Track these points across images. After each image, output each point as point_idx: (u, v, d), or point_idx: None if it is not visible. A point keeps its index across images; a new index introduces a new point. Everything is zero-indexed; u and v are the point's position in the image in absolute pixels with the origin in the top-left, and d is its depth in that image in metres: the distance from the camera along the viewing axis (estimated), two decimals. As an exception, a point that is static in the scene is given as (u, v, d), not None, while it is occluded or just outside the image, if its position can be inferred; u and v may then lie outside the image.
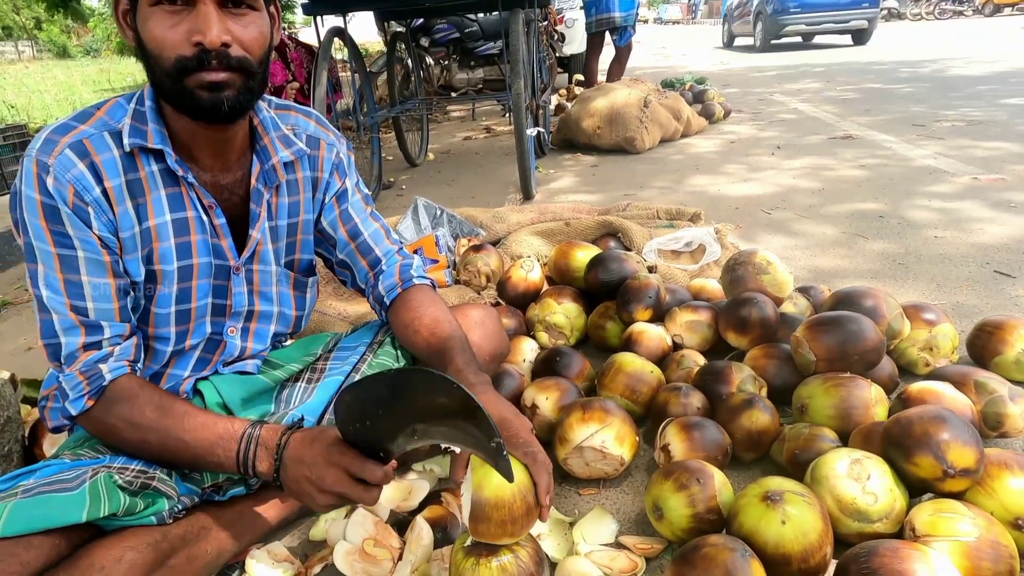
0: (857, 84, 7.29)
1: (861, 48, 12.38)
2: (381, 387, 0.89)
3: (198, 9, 0.94)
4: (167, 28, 0.94)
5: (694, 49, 16.26)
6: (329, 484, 0.96)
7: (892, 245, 2.47)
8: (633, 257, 1.98)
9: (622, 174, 4.06)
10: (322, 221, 1.29)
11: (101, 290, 1.04)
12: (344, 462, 0.95)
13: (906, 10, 22.56)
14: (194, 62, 0.95)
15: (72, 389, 1.03)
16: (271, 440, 1.03)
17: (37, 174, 0.98)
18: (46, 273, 1.01)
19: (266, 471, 1.03)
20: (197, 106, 0.99)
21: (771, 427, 1.32)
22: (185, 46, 0.95)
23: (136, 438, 1.04)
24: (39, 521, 0.89)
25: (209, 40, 0.94)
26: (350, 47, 3.67)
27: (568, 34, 7.74)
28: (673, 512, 1.11)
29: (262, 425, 1.05)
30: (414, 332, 1.23)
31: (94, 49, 32.09)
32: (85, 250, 1.02)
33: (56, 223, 0.99)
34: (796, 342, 1.44)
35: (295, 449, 1.00)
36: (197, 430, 1.04)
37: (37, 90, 11.83)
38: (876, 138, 4.41)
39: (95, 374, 1.03)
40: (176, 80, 0.97)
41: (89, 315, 1.03)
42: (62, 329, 1.02)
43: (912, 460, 1.06)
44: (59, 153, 0.99)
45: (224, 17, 0.95)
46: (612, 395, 1.48)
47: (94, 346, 1.04)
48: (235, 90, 1.00)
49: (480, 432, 0.88)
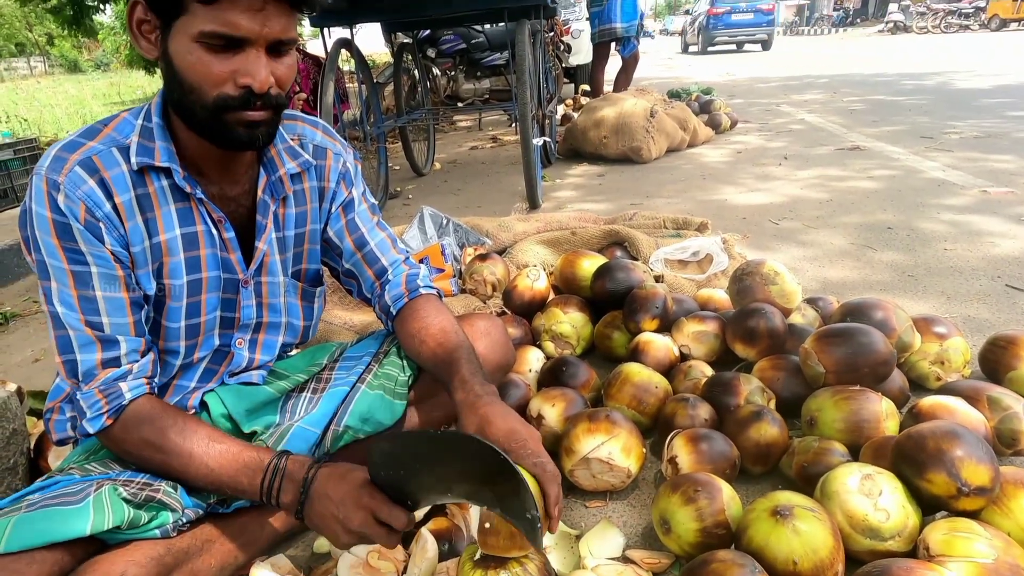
0: (863, 95, 7.29)
1: (868, 59, 12.45)
2: (424, 444, 0.90)
3: (247, 53, 0.93)
4: (212, 65, 0.93)
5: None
6: (356, 525, 0.94)
7: (902, 257, 2.45)
8: (640, 267, 1.96)
9: (628, 184, 4.05)
10: (328, 231, 1.28)
11: (115, 304, 1.03)
12: (373, 505, 0.94)
13: (912, 23, 22.61)
14: (237, 102, 0.95)
15: (90, 407, 1.02)
16: (298, 473, 1.01)
17: (47, 192, 0.97)
18: (60, 290, 1.00)
19: (290, 503, 1.01)
20: (233, 140, 1.00)
21: (780, 440, 1.30)
22: (230, 86, 0.95)
23: (158, 460, 1.04)
24: (42, 535, 0.88)
25: (259, 85, 0.94)
26: (357, 58, 3.69)
27: (574, 45, 7.78)
28: (681, 526, 1.09)
29: (288, 457, 1.04)
30: (420, 342, 1.22)
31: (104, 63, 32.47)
32: (98, 265, 1.01)
33: (68, 240, 0.99)
34: (805, 354, 1.42)
35: (322, 484, 0.99)
36: (222, 456, 1.03)
37: (48, 104, 11.94)
38: (884, 149, 4.39)
39: (114, 392, 1.03)
40: (214, 114, 0.96)
41: (104, 330, 1.03)
42: (78, 345, 1.02)
43: (925, 476, 1.04)
44: (69, 170, 0.98)
45: (269, 60, 0.96)
46: (619, 406, 1.47)
47: (112, 363, 1.04)
48: (268, 125, 1.01)
49: (518, 503, 0.88)
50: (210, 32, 0.90)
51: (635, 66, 6.59)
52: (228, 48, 0.93)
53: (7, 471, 1.41)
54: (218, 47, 0.92)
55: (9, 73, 30.25)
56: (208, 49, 0.92)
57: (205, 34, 0.91)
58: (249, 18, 0.90)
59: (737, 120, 5.79)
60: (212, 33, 0.90)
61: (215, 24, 0.90)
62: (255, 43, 0.93)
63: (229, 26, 0.90)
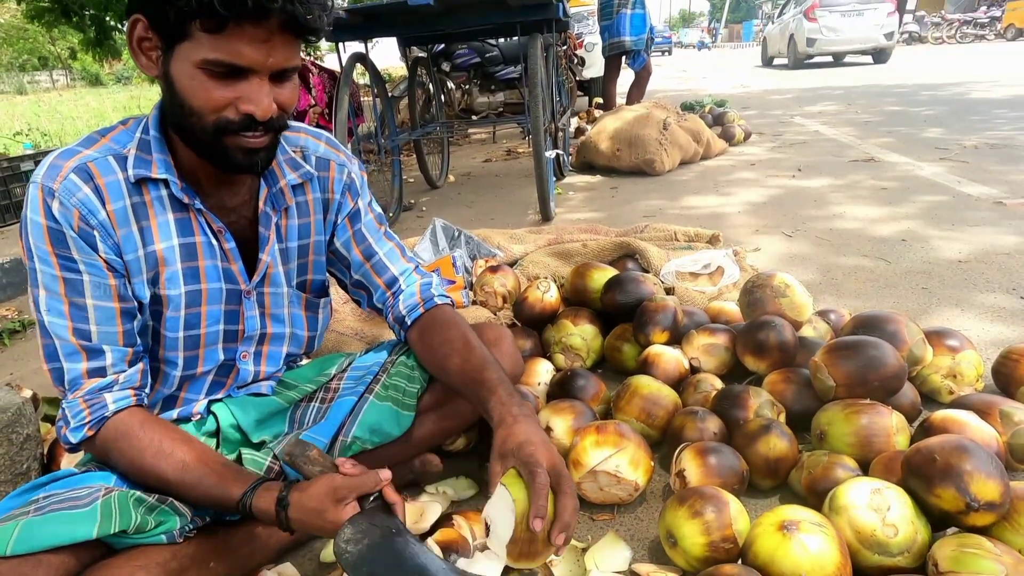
0: (877, 106, 7.25)
1: (880, 70, 12.39)
2: None
3: (251, 82, 0.94)
4: (213, 91, 0.93)
5: (725, 72, 16.56)
6: (347, 515, 0.96)
7: (914, 269, 2.43)
8: (650, 279, 1.97)
9: (641, 196, 4.06)
10: (335, 242, 1.29)
11: (106, 313, 1.04)
12: (352, 491, 0.96)
13: (927, 33, 22.47)
14: (237, 125, 0.96)
15: (74, 417, 1.03)
16: (268, 508, 1.00)
17: (43, 199, 0.98)
18: (48, 297, 1.01)
19: (274, 527, 1.02)
20: (232, 164, 1.01)
21: (789, 454, 1.29)
22: (231, 110, 0.95)
23: (137, 477, 1.05)
24: (49, 538, 0.89)
25: (261, 113, 0.95)
26: (371, 72, 3.74)
27: (588, 58, 7.83)
28: (687, 540, 1.08)
29: (254, 493, 1.01)
30: (444, 356, 1.20)
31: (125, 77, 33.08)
32: (91, 273, 1.02)
33: (62, 247, 1.00)
34: (815, 367, 1.41)
35: (299, 511, 0.98)
36: (194, 486, 1.03)
37: (70, 116, 12.16)
38: (897, 160, 4.37)
39: (98, 403, 1.04)
40: (214, 137, 0.97)
41: (92, 339, 1.03)
42: (64, 354, 1.03)
43: (934, 491, 1.03)
44: (64, 177, 0.99)
45: (272, 88, 0.97)
46: (627, 418, 1.47)
47: (98, 372, 1.04)
48: (268, 150, 1.02)
49: None
50: (213, 60, 0.91)
51: (647, 79, 6.63)
52: (231, 76, 0.93)
53: (20, 476, 1.44)
54: (221, 74, 0.93)
55: (32, 86, 30.88)
56: (210, 76, 0.93)
57: (208, 62, 0.91)
58: (254, 49, 0.91)
59: (750, 132, 5.78)
60: (216, 62, 0.91)
61: (219, 53, 0.90)
62: (259, 72, 0.94)
63: (234, 55, 0.91)
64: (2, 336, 2.78)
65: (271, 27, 0.90)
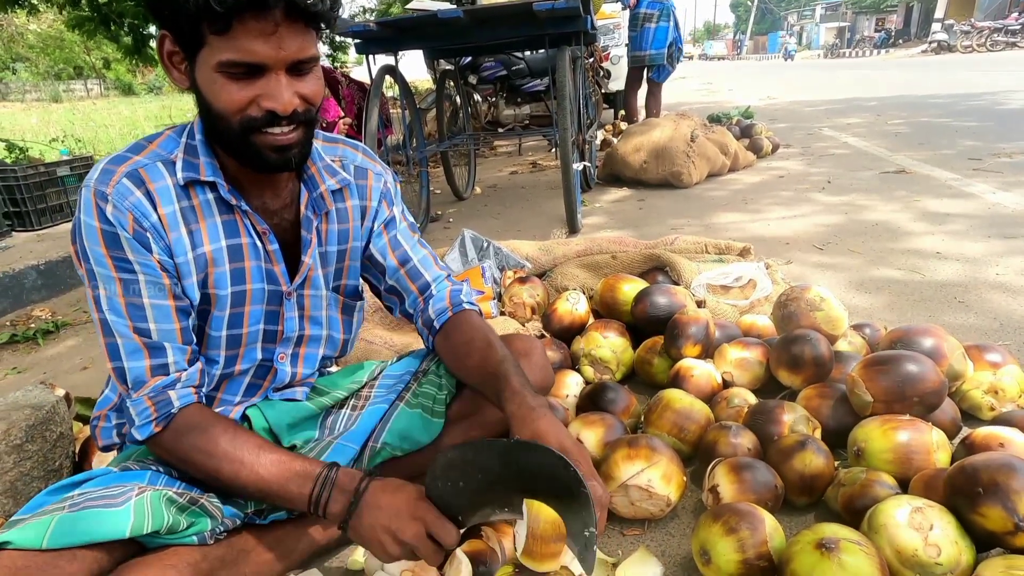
0: (909, 118, 7.14)
1: (913, 81, 12.20)
2: (492, 456, 0.91)
3: (268, 78, 0.95)
4: (234, 92, 0.96)
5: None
6: (408, 536, 0.96)
7: (952, 282, 2.38)
8: (681, 292, 1.95)
9: (669, 208, 4.04)
10: (371, 248, 1.31)
11: (162, 311, 1.06)
12: (427, 518, 0.96)
13: (956, 42, 22.11)
14: (261, 122, 0.98)
15: (139, 415, 1.05)
16: (348, 484, 1.02)
17: (96, 203, 1.01)
18: (108, 297, 1.04)
19: (338, 513, 1.02)
20: (266, 164, 1.03)
21: (825, 471, 1.27)
22: (254, 108, 0.97)
23: (210, 467, 1.05)
24: (83, 535, 0.91)
25: (282, 108, 0.97)
26: (401, 84, 3.78)
27: (614, 70, 7.83)
28: (721, 557, 1.07)
29: (338, 468, 1.05)
30: (465, 355, 1.22)
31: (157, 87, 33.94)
32: (146, 273, 1.04)
33: (116, 249, 1.02)
34: (852, 382, 1.39)
35: (374, 496, 1.00)
36: (273, 465, 1.04)
37: (103, 124, 12.48)
38: (931, 172, 4.29)
39: (163, 400, 1.06)
40: (242, 137, 0.99)
41: (152, 336, 1.06)
42: (126, 353, 1.05)
43: (979, 511, 1.00)
44: (116, 182, 1.02)
45: (291, 81, 0.98)
46: (659, 433, 1.45)
47: (161, 370, 1.07)
48: (300, 146, 1.04)
49: (579, 519, 0.89)
50: (227, 61, 0.93)
51: (660, 90, 6.66)
52: (249, 75, 0.95)
53: (53, 473, 1.48)
54: (239, 74, 0.95)
55: (68, 95, 31.80)
56: (230, 77, 0.95)
57: (223, 64, 0.93)
58: (264, 43, 0.92)
59: (779, 144, 5.73)
60: (230, 62, 0.93)
61: (232, 53, 0.92)
62: (274, 67, 0.95)
63: (245, 53, 0.92)
64: (37, 336, 2.86)
65: (275, 18, 0.92)
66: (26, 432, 1.44)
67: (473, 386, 1.24)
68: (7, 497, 1.41)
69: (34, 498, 1.03)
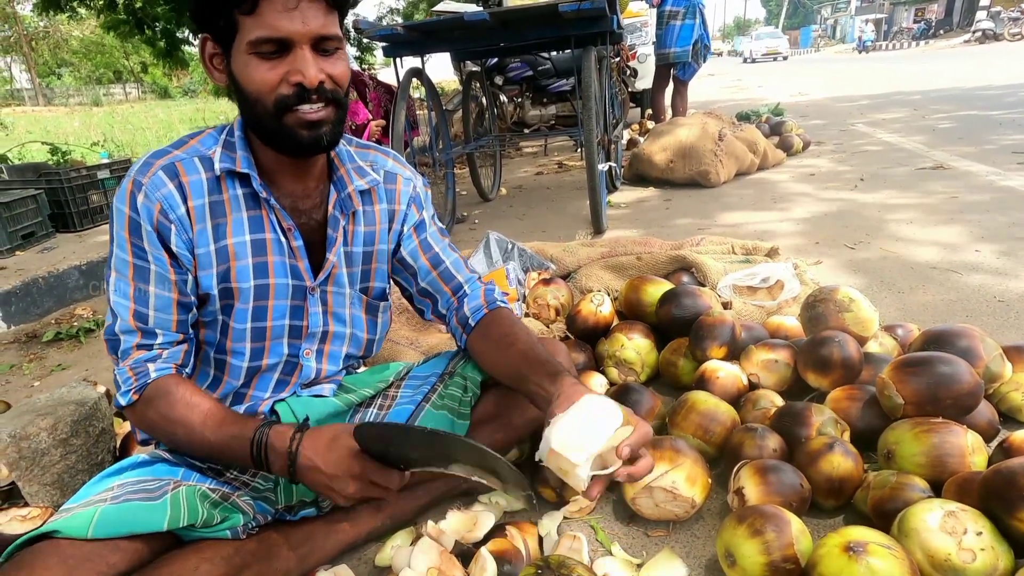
0: (950, 112, 6.97)
1: (957, 73, 11.89)
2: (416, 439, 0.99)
3: (295, 54, 1.01)
4: (266, 72, 1.02)
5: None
6: (352, 493, 1.03)
7: (990, 281, 2.32)
8: (707, 293, 1.93)
9: (695, 208, 4.00)
10: (401, 251, 1.34)
11: (164, 302, 1.12)
12: (365, 473, 1.02)
13: (1003, 30, 21.42)
14: (294, 98, 1.03)
15: (123, 383, 1.11)
16: (281, 445, 1.05)
17: (131, 191, 1.08)
18: (118, 279, 1.11)
19: (281, 472, 1.07)
20: (298, 144, 1.08)
21: (854, 473, 1.24)
22: (285, 86, 1.03)
23: (168, 431, 1.11)
24: (125, 527, 0.97)
25: (309, 80, 1.02)
26: (427, 86, 3.81)
27: (640, 69, 7.79)
28: (746, 559, 1.06)
29: (271, 427, 1.08)
30: (509, 345, 1.24)
31: (191, 90, 34.81)
32: (156, 265, 1.10)
33: (136, 237, 1.09)
34: (882, 384, 1.36)
35: (309, 457, 1.04)
36: (217, 428, 1.08)
37: (140, 127, 12.83)
38: (971, 168, 4.18)
39: (142, 371, 1.11)
40: (276, 118, 1.05)
41: (148, 322, 1.12)
42: (121, 330, 1.12)
43: (1017, 515, 0.97)
44: (153, 174, 1.09)
45: (317, 58, 1.03)
46: (684, 434, 1.44)
47: (146, 347, 1.13)
48: (331, 124, 1.08)
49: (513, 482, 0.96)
50: (256, 39, 0.99)
51: (686, 89, 6.60)
52: (277, 53, 1.01)
53: (96, 466, 1.54)
54: (268, 54, 1.01)
55: (107, 98, 32.82)
56: (261, 58, 1.01)
57: (253, 42, 1.00)
58: (288, 18, 0.99)
59: (810, 141, 5.63)
60: (259, 39, 0.99)
61: (260, 30, 0.99)
62: (299, 42, 1.01)
63: (271, 29, 0.99)
64: (79, 334, 2.94)
65: None
66: (71, 427, 1.50)
67: (510, 379, 1.24)
68: (55, 489, 1.47)
69: (80, 490, 1.08)
